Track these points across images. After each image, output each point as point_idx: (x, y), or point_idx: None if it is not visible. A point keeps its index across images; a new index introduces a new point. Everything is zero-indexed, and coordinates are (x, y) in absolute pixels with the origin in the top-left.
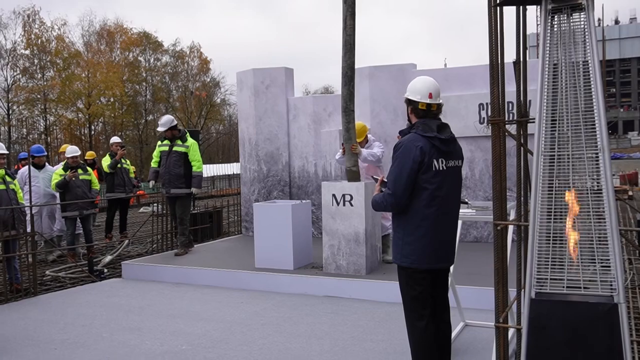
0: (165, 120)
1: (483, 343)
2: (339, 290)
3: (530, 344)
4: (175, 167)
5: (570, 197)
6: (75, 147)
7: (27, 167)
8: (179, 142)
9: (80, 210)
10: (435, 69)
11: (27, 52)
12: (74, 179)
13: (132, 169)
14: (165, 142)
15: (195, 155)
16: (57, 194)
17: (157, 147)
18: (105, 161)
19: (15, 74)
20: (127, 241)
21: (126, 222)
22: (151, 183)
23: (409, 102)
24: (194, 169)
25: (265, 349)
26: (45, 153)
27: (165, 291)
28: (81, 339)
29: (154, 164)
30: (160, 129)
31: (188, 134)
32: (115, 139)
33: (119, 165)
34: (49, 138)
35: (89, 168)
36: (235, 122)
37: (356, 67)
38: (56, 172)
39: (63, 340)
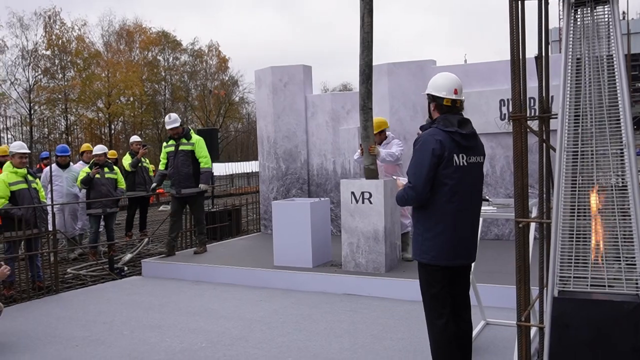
0: (175, 117)
1: (504, 342)
2: (358, 288)
3: (553, 343)
4: (183, 167)
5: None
6: (102, 146)
7: (52, 166)
8: (184, 140)
9: (103, 208)
10: (455, 65)
11: (48, 52)
12: (97, 176)
13: (151, 167)
14: (171, 142)
15: (202, 151)
16: (80, 194)
17: (162, 148)
18: (126, 160)
19: (36, 74)
20: (146, 239)
21: (146, 221)
22: (154, 185)
23: (432, 98)
24: (201, 165)
25: (285, 346)
26: (69, 153)
27: (184, 289)
28: (102, 336)
29: (162, 166)
30: (172, 125)
31: (192, 131)
32: (135, 138)
33: (139, 164)
34: (69, 137)
35: (115, 167)
36: (253, 120)
37: (375, 64)
38: (83, 170)
39: (84, 337)
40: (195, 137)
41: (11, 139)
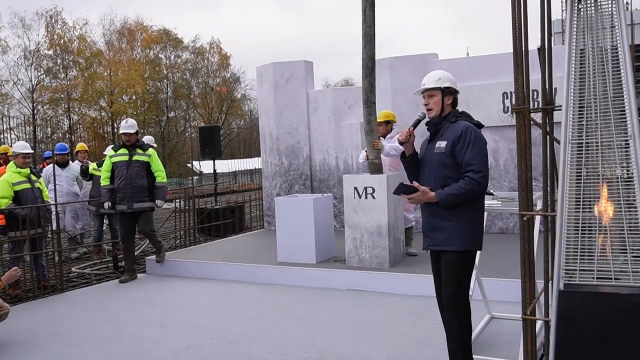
0: (133, 123)
1: (510, 336)
2: (362, 283)
3: (559, 337)
4: (138, 178)
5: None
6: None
7: (51, 165)
8: (139, 150)
9: (97, 207)
10: (458, 58)
11: (50, 52)
12: (97, 173)
13: None
14: (122, 150)
15: (158, 165)
16: (80, 193)
17: (107, 158)
18: None
19: (39, 74)
20: None
21: None
22: (107, 204)
23: (451, 91)
24: (158, 179)
25: (289, 342)
26: (67, 151)
27: (188, 286)
28: (107, 334)
29: (105, 180)
30: (128, 130)
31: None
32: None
33: None
34: (73, 137)
35: None
36: (256, 116)
37: (377, 58)
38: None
39: (90, 335)
40: (150, 150)
41: (14, 139)
